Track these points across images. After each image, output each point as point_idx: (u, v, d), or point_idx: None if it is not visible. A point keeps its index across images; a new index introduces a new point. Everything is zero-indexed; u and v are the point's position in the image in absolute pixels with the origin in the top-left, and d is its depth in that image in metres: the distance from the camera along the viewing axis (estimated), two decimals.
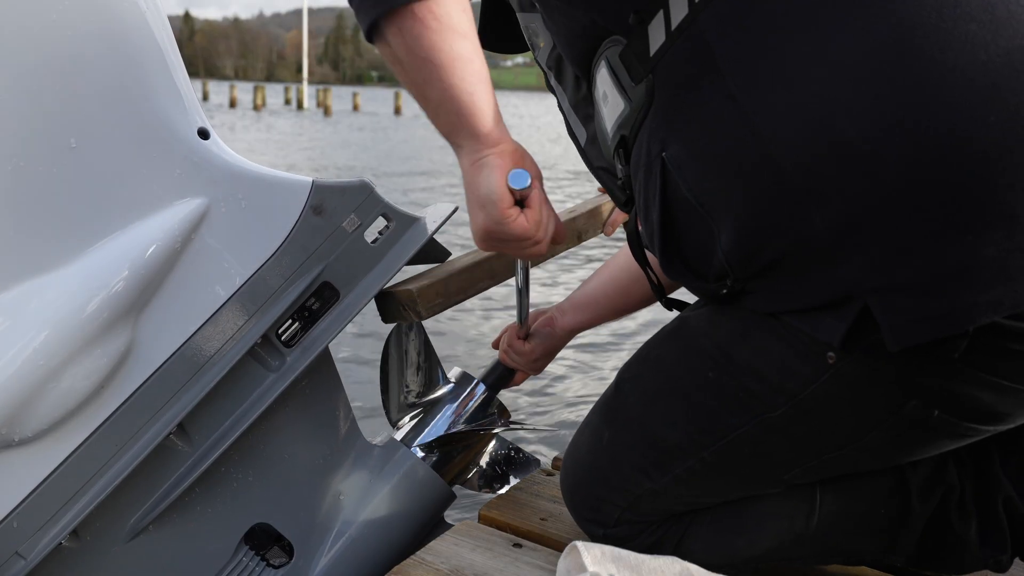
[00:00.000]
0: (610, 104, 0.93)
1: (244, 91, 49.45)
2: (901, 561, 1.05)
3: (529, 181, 0.91)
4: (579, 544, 0.94)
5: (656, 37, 0.85)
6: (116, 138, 1.04)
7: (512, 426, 1.36)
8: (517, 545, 1.09)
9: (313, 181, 1.16)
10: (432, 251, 1.30)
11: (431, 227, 1.24)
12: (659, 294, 1.12)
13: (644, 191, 0.92)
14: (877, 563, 1.08)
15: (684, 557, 1.00)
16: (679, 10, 0.82)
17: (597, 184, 1.19)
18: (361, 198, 1.18)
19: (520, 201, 0.93)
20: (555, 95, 1.12)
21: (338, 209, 1.16)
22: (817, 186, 0.76)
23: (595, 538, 1.06)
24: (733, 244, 0.84)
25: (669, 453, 0.98)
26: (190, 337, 1.08)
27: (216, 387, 1.10)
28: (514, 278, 1.24)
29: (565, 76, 1.06)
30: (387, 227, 1.21)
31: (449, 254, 1.36)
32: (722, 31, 0.80)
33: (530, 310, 1.29)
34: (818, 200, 0.77)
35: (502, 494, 1.29)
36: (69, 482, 1.04)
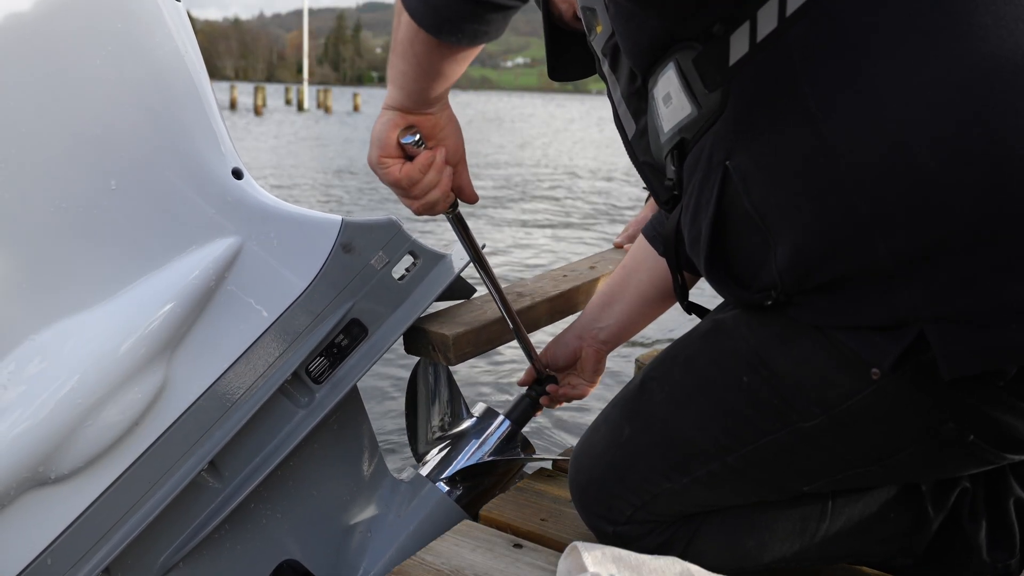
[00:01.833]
0: (673, 106, 0.93)
1: (244, 92, 49.35)
2: (910, 563, 1.05)
3: (413, 140, 1.04)
4: (579, 544, 0.93)
5: (738, 47, 0.85)
6: (154, 180, 1.06)
7: (535, 458, 1.37)
8: (517, 545, 1.08)
9: (343, 219, 1.17)
10: (458, 288, 1.31)
11: (457, 264, 1.26)
12: (682, 298, 1.12)
13: (697, 195, 0.93)
14: (884, 564, 1.07)
15: (693, 558, 0.99)
16: (767, 23, 0.82)
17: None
18: (389, 236, 1.19)
19: (412, 157, 1.05)
20: (605, 82, 1.11)
21: (367, 247, 1.17)
22: (887, 212, 0.77)
23: (603, 535, 1.06)
24: (791, 260, 0.84)
25: (692, 455, 0.97)
26: (222, 375, 1.09)
27: (247, 424, 1.11)
28: (513, 333, 1.28)
29: (620, 66, 1.05)
30: (414, 264, 1.22)
31: (474, 290, 1.37)
32: (809, 49, 0.80)
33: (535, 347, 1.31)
34: (886, 226, 0.77)
35: (503, 494, 1.29)
36: (103, 519, 1.05)
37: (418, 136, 1.04)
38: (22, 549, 1.03)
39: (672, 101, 0.93)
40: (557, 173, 12.82)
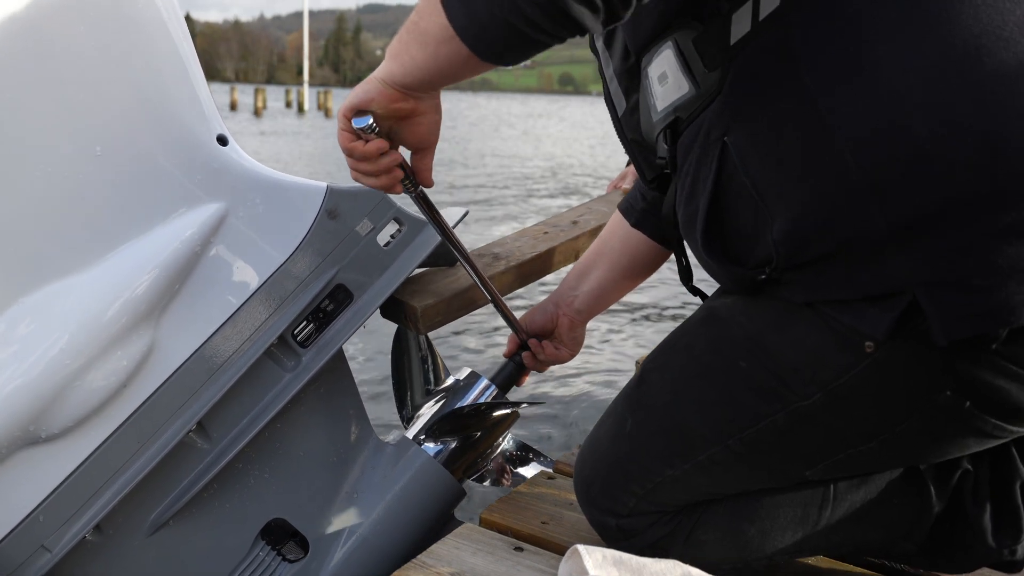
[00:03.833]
0: (669, 85, 0.95)
1: (245, 94, 49.42)
2: (913, 549, 1.06)
3: (365, 126, 0.97)
4: (580, 547, 0.94)
5: (740, 27, 0.87)
6: (139, 145, 1.08)
7: (504, 403, 1.37)
8: (518, 549, 1.09)
9: (328, 186, 1.19)
10: (443, 254, 1.33)
11: None
12: (686, 279, 1.14)
13: (694, 172, 0.94)
14: (887, 551, 1.09)
15: (696, 546, 1.00)
16: (770, 2, 0.85)
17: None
18: (374, 202, 1.21)
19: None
20: (598, 58, 1.12)
21: (352, 213, 1.19)
22: (883, 184, 0.80)
23: (607, 529, 1.07)
24: (787, 233, 0.86)
25: (693, 440, 0.99)
26: (209, 338, 1.12)
27: (234, 387, 1.13)
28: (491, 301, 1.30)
29: (615, 44, 1.06)
30: (399, 231, 1.24)
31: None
32: (810, 27, 0.83)
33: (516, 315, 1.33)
34: (882, 197, 0.80)
35: (503, 497, 1.31)
36: (93, 478, 1.08)
37: (370, 121, 0.98)
38: (15, 507, 1.06)
39: (668, 80, 0.95)
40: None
